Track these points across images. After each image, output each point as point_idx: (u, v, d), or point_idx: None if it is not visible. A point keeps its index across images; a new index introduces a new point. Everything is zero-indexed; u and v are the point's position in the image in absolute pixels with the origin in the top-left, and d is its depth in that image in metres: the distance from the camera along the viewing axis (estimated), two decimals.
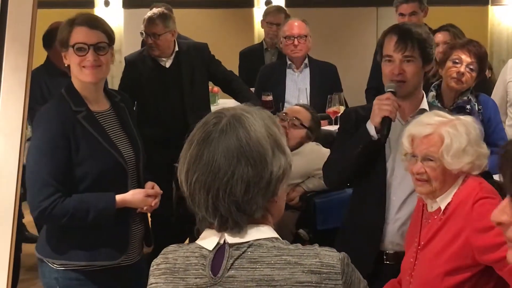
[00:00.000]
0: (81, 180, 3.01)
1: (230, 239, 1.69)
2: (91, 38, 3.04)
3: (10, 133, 3.36)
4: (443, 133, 2.72)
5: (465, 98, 3.99)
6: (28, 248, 4.74)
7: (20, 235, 3.31)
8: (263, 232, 1.70)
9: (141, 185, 3.18)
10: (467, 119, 2.82)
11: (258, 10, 8.46)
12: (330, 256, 1.68)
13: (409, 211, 3.13)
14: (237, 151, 1.65)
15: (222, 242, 1.70)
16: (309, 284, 1.64)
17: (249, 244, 1.68)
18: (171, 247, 1.79)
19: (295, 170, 4.28)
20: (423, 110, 3.15)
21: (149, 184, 3.18)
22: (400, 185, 3.15)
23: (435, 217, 2.78)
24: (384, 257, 3.17)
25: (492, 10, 7.57)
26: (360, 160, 3.13)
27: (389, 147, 3.15)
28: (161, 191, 3.17)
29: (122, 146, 3.13)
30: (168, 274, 1.74)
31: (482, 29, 7.43)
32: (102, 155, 3.03)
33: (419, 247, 2.81)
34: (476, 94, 4.06)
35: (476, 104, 4.00)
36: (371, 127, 3.07)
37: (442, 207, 2.76)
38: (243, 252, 1.68)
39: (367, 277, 2.90)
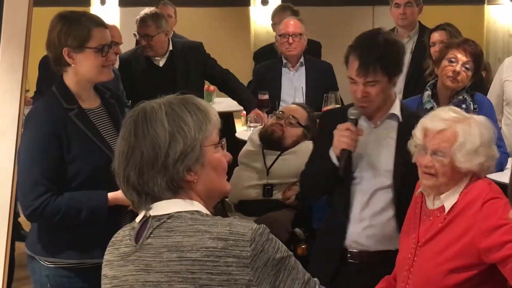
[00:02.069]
0: (73, 178, 3.00)
1: (153, 211, 1.86)
2: (108, 38, 3.05)
3: (6, 132, 3.36)
4: (458, 131, 2.72)
5: (461, 97, 3.99)
6: (23, 247, 4.74)
7: (16, 234, 3.30)
8: (184, 206, 1.84)
9: None
10: (481, 119, 2.80)
11: (254, 9, 8.46)
12: (242, 226, 1.78)
13: (373, 210, 3.16)
14: (133, 143, 1.85)
15: (147, 215, 1.87)
16: (214, 249, 1.74)
17: (169, 216, 1.83)
18: (126, 225, 1.99)
19: (291, 169, 4.31)
20: (393, 115, 3.16)
21: None
22: (366, 185, 3.17)
23: (438, 215, 2.78)
24: (348, 255, 3.19)
25: (488, 9, 7.58)
26: (327, 181, 3.16)
27: (359, 149, 3.13)
28: None
29: (113, 142, 3.11)
30: (110, 246, 1.96)
31: (478, 28, 7.44)
32: (94, 153, 3.02)
33: (418, 244, 2.82)
34: (471, 93, 4.07)
35: (471, 103, 4.00)
36: (333, 155, 3.07)
37: (447, 206, 2.76)
38: (162, 223, 1.83)
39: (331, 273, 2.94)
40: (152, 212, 1.86)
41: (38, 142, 2.96)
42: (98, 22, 3.04)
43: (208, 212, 1.86)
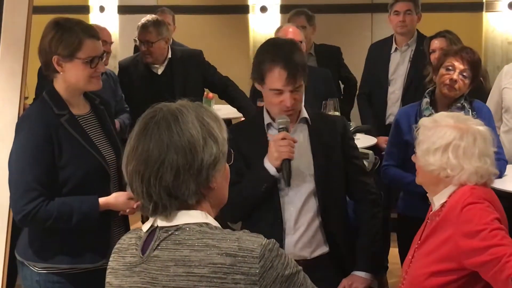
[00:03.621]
0: (64, 183, 3.02)
1: (161, 222, 1.81)
2: (99, 49, 3.07)
3: (5, 138, 3.36)
4: (430, 132, 2.78)
5: (459, 104, 3.99)
6: None
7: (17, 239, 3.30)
8: (194, 217, 1.80)
9: (122, 187, 3.18)
10: (484, 133, 2.79)
11: (253, 16, 8.45)
12: (251, 241, 1.74)
13: (307, 219, 3.17)
14: (167, 142, 1.77)
15: (155, 225, 1.82)
16: (222, 265, 1.71)
17: (177, 227, 1.79)
18: (131, 231, 1.94)
19: None
20: (302, 119, 3.21)
21: None
22: (296, 195, 3.17)
23: (435, 218, 2.80)
24: None
25: (486, 16, 7.58)
26: (260, 198, 3.15)
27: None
28: None
29: (104, 148, 3.14)
30: (116, 253, 1.91)
31: (476, 36, 7.43)
32: (85, 158, 3.03)
33: (416, 246, 2.86)
34: (470, 100, 4.07)
35: (470, 110, 4.00)
36: (271, 168, 3.07)
37: (435, 209, 2.81)
38: (170, 234, 1.78)
39: None
40: (160, 223, 1.81)
41: (30, 147, 2.97)
42: (90, 33, 3.05)
43: (217, 224, 1.82)
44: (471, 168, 2.72)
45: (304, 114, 3.22)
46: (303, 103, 3.26)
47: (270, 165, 3.07)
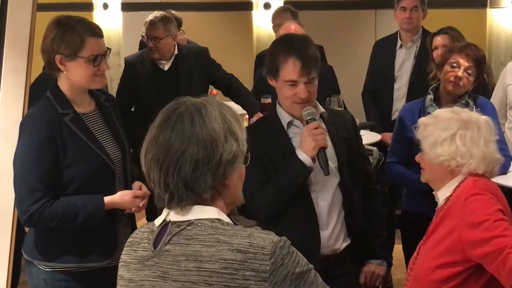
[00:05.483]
0: (69, 183, 3.01)
1: (173, 217, 1.83)
2: (102, 47, 3.06)
3: (9, 135, 3.36)
4: (433, 126, 2.80)
5: (463, 101, 3.98)
6: None
7: (21, 239, 3.31)
8: (206, 213, 1.81)
9: (128, 185, 3.18)
10: (485, 121, 2.83)
11: (257, 13, 8.45)
12: (262, 238, 1.75)
13: (337, 211, 3.20)
14: (189, 133, 1.78)
15: (168, 219, 1.84)
16: (233, 261, 1.72)
17: (189, 223, 1.80)
18: (144, 225, 1.94)
19: None
20: (322, 114, 3.23)
21: (137, 184, 3.18)
22: (325, 188, 3.19)
23: (440, 212, 2.81)
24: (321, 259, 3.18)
25: (490, 12, 7.57)
26: (297, 191, 3.14)
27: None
28: (149, 192, 3.11)
29: (109, 146, 3.13)
30: (128, 246, 1.92)
31: (480, 32, 7.43)
32: (90, 157, 3.03)
33: (421, 242, 2.87)
34: (474, 96, 4.06)
35: (474, 107, 4.00)
36: (307, 159, 3.07)
37: (440, 202, 2.81)
38: (182, 229, 1.80)
39: None
40: (172, 217, 1.83)
41: (34, 147, 2.96)
42: (93, 32, 3.04)
43: (229, 221, 1.83)
44: (479, 154, 2.74)
45: (322, 109, 3.25)
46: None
47: (305, 157, 3.07)
